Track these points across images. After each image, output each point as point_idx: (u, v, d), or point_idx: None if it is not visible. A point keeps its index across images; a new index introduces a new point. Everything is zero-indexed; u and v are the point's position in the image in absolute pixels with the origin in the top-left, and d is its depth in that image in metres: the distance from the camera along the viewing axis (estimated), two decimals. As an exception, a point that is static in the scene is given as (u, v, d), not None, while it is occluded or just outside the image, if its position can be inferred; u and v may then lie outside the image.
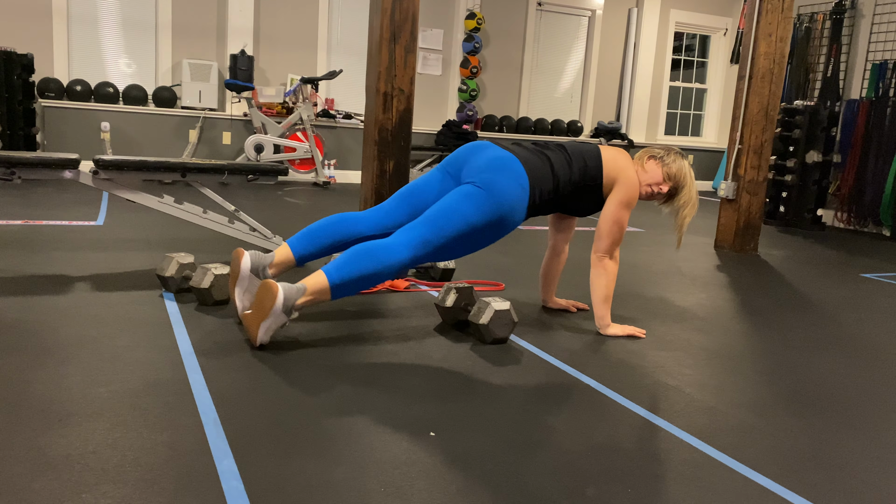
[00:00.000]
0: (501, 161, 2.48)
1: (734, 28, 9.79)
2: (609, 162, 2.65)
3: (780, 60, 4.68)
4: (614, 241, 2.66)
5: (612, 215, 2.64)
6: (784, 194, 6.60)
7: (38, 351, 2.10)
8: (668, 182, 2.75)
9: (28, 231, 3.88)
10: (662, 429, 1.87)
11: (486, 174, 2.44)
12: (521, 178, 2.48)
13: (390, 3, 3.70)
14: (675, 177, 2.75)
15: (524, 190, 2.47)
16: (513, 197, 2.44)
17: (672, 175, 2.75)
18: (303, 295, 2.22)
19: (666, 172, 2.74)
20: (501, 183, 2.43)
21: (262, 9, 7.49)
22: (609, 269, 2.68)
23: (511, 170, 2.47)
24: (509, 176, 2.45)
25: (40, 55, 6.79)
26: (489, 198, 2.40)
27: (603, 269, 2.67)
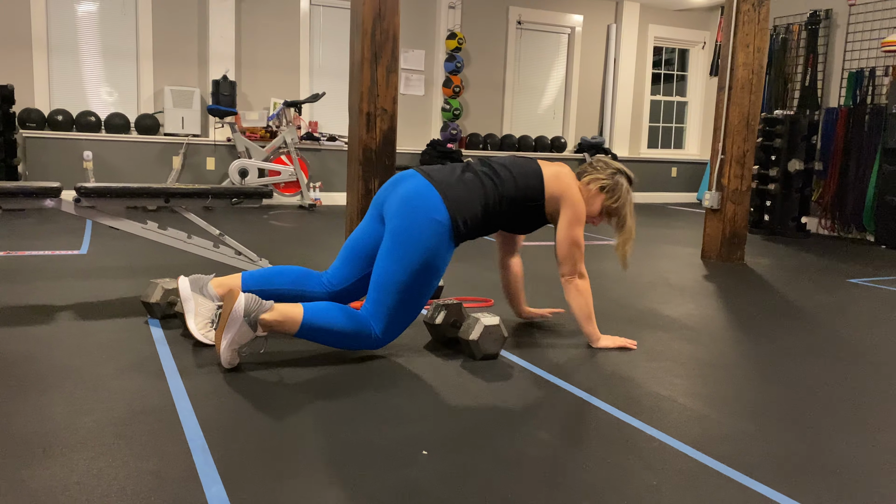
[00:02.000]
0: (415, 194, 2.40)
1: (712, 41, 9.91)
2: (551, 180, 2.59)
3: (759, 71, 4.73)
4: (576, 261, 2.63)
5: (567, 237, 2.60)
6: (768, 203, 6.64)
7: (20, 382, 2.06)
8: (609, 217, 2.75)
9: (10, 262, 3.84)
10: (657, 439, 1.85)
11: (398, 219, 2.38)
12: (436, 210, 2.38)
13: (371, 24, 3.72)
14: (616, 212, 2.73)
15: (441, 223, 2.38)
16: (428, 236, 2.35)
17: (614, 211, 2.73)
18: (269, 311, 2.21)
19: (607, 208, 2.72)
20: (413, 227, 2.35)
21: (242, 34, 7.51)
22: (581, 288, 2.65)
23: (423, 204, 2.38)
24: (422, 213, 2.37)
25: (21, 86, 6.76)
26: (405, 249, 2.34)
27: (575, 290, 2.64)
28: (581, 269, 2.65)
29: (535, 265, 4.41)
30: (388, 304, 2.36)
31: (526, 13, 8.91)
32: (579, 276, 2.65)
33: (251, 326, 2.20)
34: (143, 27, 7.15)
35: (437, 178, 2.47)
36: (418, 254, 2.35)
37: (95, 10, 7.04)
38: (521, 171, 2.60)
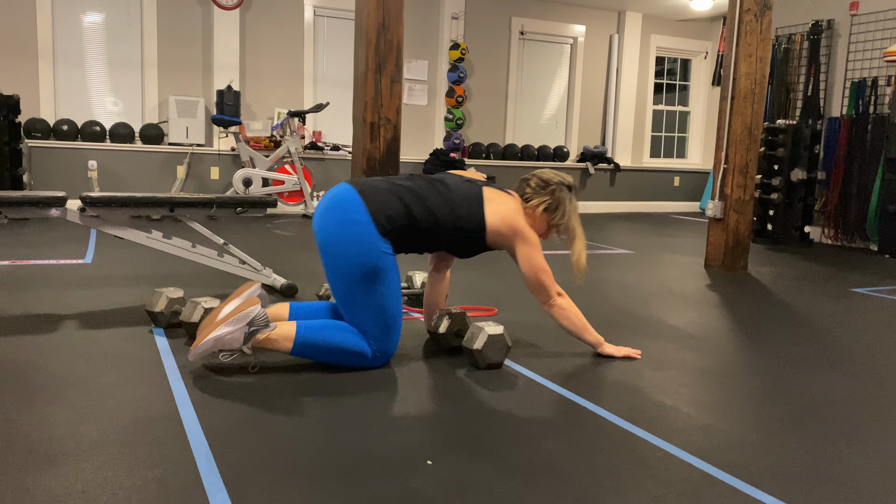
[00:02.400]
0: (336, 200, 2.38)
1: (714, 51, 9.94)
2: (493, 217, 2.49)
3: (761, 80, 4.74)
4: (548, 286, 2.57)
5: (530, 269, 2.54)
6: (771, 212, 6.64)
7: (25, 390, 2.07)
8: (557, 232, 2.69)
9: (15, 271, 3.85)
10: (661, 449, 1.85)
11: (321, 233, 2.37)
12: (354, 210, 2.34)
13: (375, 35, 3.74)
14: (565, 228, 2.66)
15: (361, 222, 2.33)
16: (350, 239, 2.31)
17: (562, 228, 2.66)
18: (267, 331, 2.27)
19: (553, 226, 2.66)
20: (335, 235, 2.34)
21: (247, 44, 7.55)
22: (565, 307, 2.61)
23: (341, 207, 2.36)
24: (341, 216, 2.35)
25: (26, 96, 6.80)
26: (337, 263, 2.33)
27: (560, 312, 2.60)
28: (555, 291, 2.60)
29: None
30: (357, 320, 2.36)
31: (529, 24, 8.95)
32: (558, 296, 2.60)
33: (245, 338, 2.23)
34: (148, 37, 7.19)
35: (360, 182, 2.45)
36: (349, 261, 2.32)
37: (101, 20, 7.09)
38: (461, 195, 2.48)
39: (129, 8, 7.17)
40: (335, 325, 2.36)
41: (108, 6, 7.10)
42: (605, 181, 9.42)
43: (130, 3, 7.16)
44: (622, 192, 9.55)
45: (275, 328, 2.29)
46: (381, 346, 2.38)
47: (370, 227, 2.34)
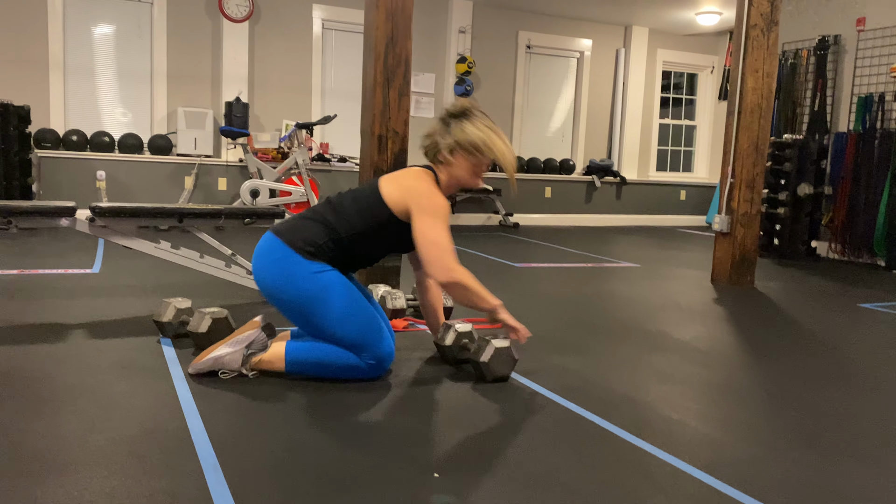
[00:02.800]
0: (257, 252, 2.39)
1: (720, 66, 9.97)
2: (390, 192, 2.38)
3: (768, 95, 4.75)
4: (443, 260, 2.30)
5: (422, 237, 2.31)
6: (777, 227, 6.63)
7: (33, 399, 2.08)
8: (484, 163, 2.45)
9: (23, 280, 3.87)
10: (669, 463, 1.85)
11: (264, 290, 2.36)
12: (272, 249, 2.33)
13: (384, 48, 3.77)
14: (481, 153, 2.43)
15: (281, 257, 2.30)
16: (277, 274, 2.30)
17: (480, 156, 2.43)
18: (265, 353, 2.34)
19: (473, 161, 2.43)
20: (266, 279, 2.33)
21: (256, 56, 7.60)
22: (459, 278, 2.31)
23: (261, 252, 2.36)
24: (263, 260, 2.35)
25: (37, 106, 6.86)
26: (282, 301, 2.32)
27: (453, 284, 2.31)
28: (452, 267, 2.30)
29: (543, 286, 4.41)
30: (335, 340, 2.33)
31: (535, 37, 9.00)
32: (455, 272, 2.31)
33: (243, 360, 2.34)
34: (157, 49, 7.25)
35: (278, 223, 2.45)
36: (290, 296, 2.30)
37: (111, 32, 7.16)
38: (364, 190, 2.43)
39: (139, 20, 7.23)
40: (323, 343, 2.37)
41: (118, 18, 7.16)
42: (612, 194, 9.43)
43: (141, 15, 7.23)
44: (628, 205, 9.55)
45: (268, 348, 2.36)
46: (372, 356, 2.36)
47: (293, 256, 2.31)
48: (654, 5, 8.31)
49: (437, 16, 8.45)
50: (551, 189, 9.05)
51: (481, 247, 6.34)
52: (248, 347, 2.34)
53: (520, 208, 8.89)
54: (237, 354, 2.33)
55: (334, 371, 2.35)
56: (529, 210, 8.97)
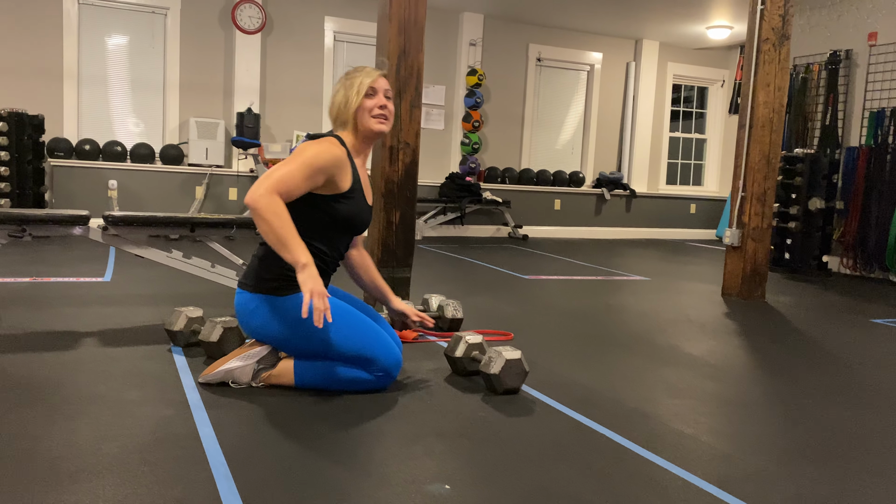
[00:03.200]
0: (236, 313, 2.39)
1: (731, 79, 9.97)
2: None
3: (780, 109, 4.75)
4: (259, 183, 2.15)
5: (272, 169, 2.19)
6: (788, 241, 6.61)
7: (46, 407, 2.09)
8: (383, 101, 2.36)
9: (36, 288, 3.89)
10: (681, 478, 1.83)
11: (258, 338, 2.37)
12: (245, 302, 2.32)
13: (395, 61, 3.79)
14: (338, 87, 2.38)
15: (254, 302, 2.30)
16: (261, 316, 2.29)
17: (336, 91, 2.38)
18: (274, 369, 2.36)
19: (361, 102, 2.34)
20: (252, 326, 2.34)
21: (268, 68, 7.65)
22: (258, 205, 2.11)
23: (239, 308, 2.36)
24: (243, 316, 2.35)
25: (51, 116, 6.92)
26: (273, 337, 2.31)
27: (252, 211, 2.12)
28: (259, 193, 2.11)
29: (553, 298, 4.41)
30: (338, 359, 2.32)
31: (546, 50, 9.03)
32: (254, 199, 2.11)
33: (252, 375, 2.35)
34: (170, 60, 7.31)
35: (240, 277, 2.44)
36: (282, 335, 2.30)
37: (125, 42, 7.23)
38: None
39: (152, 31, 7.30)
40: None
41: (132, 29, 7.23)
42: (621, 207, 9.42)
43: (154, 26, 7.30)
44: (638, 218, 9.54)
45: (276, 365, 2.37)
46: (379, 367, 2.34)
47: (265, 301, 2.28)
48: (665, 19, 8.33)
49: (448, 28, 8.50)
50: (560, 201, 9.05)
51: (490, 259, 6.34)
52: (259, 362, 2.36)
53: (529, 220, 8.89)
54: (248, 368, 2.35)
55: (343, 384, 2.35)
56: (538, 222, 8.97)
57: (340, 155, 2.31)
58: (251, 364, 2.35)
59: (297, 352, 2.35)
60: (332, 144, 2.31)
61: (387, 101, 2.39)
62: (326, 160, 2.25)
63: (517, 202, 8.76)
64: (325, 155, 2.25)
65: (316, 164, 2.23)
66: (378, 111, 2.36)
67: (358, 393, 2.36)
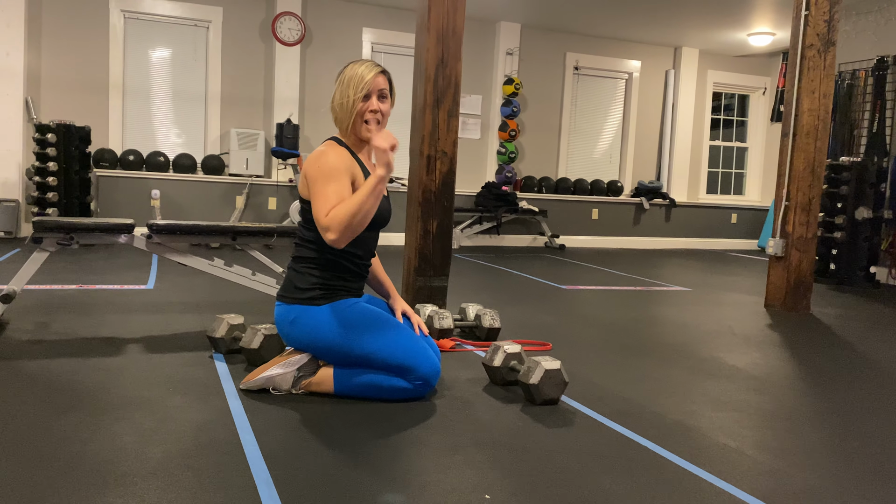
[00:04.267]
0: (276, 325, 2.43)
1: (773, 87, 9.80)
2: (301, 187, 2.36)
3: (825, 117, 4.65)
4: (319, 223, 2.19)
5: (314, 206, 2.22)
6: (834, 251, 6.45)
7: (93, 411, 2.13)
8: (344, 101, 2.34)
9: (82, 295, 3.98)
10: (726, 492, 1.79)
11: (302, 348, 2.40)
12: (285, 313, 2.36)
13: (434, 70, 3.80)
14: (336, 93, 2.36)
15: (298, 318, 2.33)
16: (305, 329, 2.33)
17: (335, 96, 2.36)
18: (314, 376, 2.38)
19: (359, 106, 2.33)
20: (296, 338, 2.37)
21: (307, 79, 7.75)
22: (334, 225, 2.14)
23: (278, 321, 2.40)
24: (284, 328, 2.38)
25: (97, 127, 7.10)
26: (315, 346, 2.34)
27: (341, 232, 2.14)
28: (326, 226, 2.16)
29: (592, 309, 4.36)
30: (380, 366, 2.33)
31: (583, 59, 8.99)
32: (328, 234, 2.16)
33: (293, 382, 2.37)
34: (212, 72, 7.45)
35: (279, 290, 2.45)
36: (322, 345, 2.32)
37: (168, 55, 7.39)
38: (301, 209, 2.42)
39: (195, 44, 7.45)
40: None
41: (175, 42, 7.39)
42: (661, 217, 9.31)
43: (197, 39, 7.45)
44: (677, 228, 9.41)
45: (316, 373, 2.39)
46: (418, 376, 2.34)
47: (303, 312, 2.33)
48: (705, 27, 8.23)
49: (485, 38, 8.51)
50: (598, 211, 8.98)
51: (527, 268, 6.30)
52: (299, 370, 2.38)
53: (566, 230, 8.83)
54: (288, 376, 2.37)
55: (382, 392, 2.35)
56: (576, 232, 8.90)
57: (345, 153, 2.34)
58: (291, 371, 2.37)
59: (337, 360, 2.36)
60: (331, 146, 2.34)
61: (380, 105, 2.36)
62: (339, 162, 2.27)
63: (554, 212, 8.71)
64: (335, 157, 2.28)
65: (339, 168, 2.25)
66: (369, 115, 2.35)
67: (396, 401, 2.36)
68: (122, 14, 7.13)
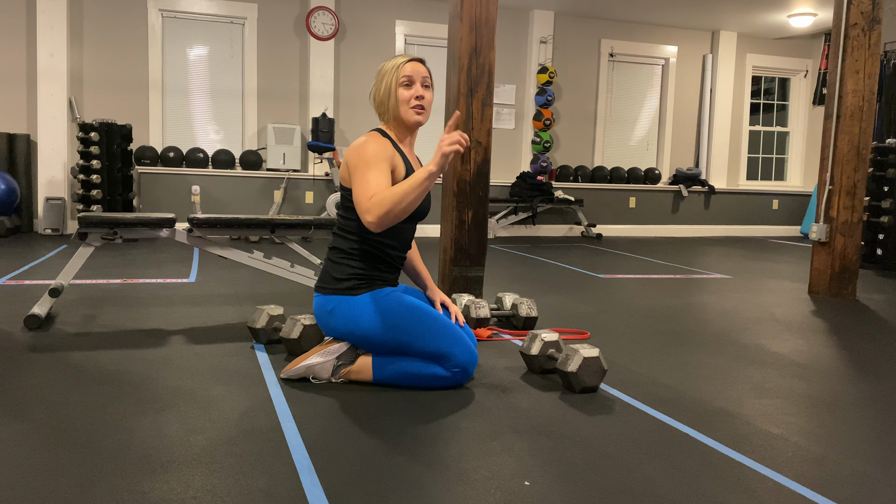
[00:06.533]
0: (315, 314, 2.45)
1: (814, 69, 9.56)
2: (343, 175, 2.38)
3: (870, 98, 4.52)
4: (359, 207, 2.22)
5: (355, 191, 2.26)
6: (881, 236, 6.28)
7: (139, 400, 2.18)
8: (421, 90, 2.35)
9: (126, 289, 4.08)
10: (771, 479, 1.76)
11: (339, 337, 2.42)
12: (324, 304, 2.37)
13: (467, 60, 3.79)
14: (377, 83, 2.38)
15: (336, 304, 2.35)
16: (345, 320, 2.34)
17: (376, 85, 2.39)
18: (353, 365, 2.41)
19: (400, 94, 2.35)
20: (335, 329, 2.39)
21: (341, 73, 7.79)
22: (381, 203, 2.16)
23: (318, 311, 2.41)
24: (324, 319, 2.40)
25: (137, 125, 7.24)
26: (358, 337, 2.36)
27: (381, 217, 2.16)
28: (367, 208, 2.18)
29: (630, 297, 4.32)
30: (418, 354, 2.34)
31: (618, 45, 8.87)
32: (367, 216, 2.19)
33: (333, 370, 2.40)
34: (248, 69, 7.54)
35: (316, 281, 2.47)
36: (360, 336, 2.34)
37: (205, 53, 7.49)
38: (340, 197, 2.44)
39: (231, 41, 7.55)
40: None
41: (212, 40, 7.50)
42: (700, 204, 9.17)
43: (233, 36, 7.54)
44: (717, 215, 9.26)
45: (355, 361, 2.41)
46: (456, 363, 2.35)
47: (341, 302, 2.35)
48: (743, 9, 8.05)
49: (519, 26, 8.46)
50: (635, 199, 8.88)
51: (563, 258, 6.27)
52: (339, 359, 2.41)
53: (603, 219, 8.75)
54: (328, 364, 2.40)
55: (420, 380, 2.37)
56: (612, 221, 8.82)
57: (387, 144, 2.35)
58: (331, 360, 2.39)
59: (376, 348, 2.38)
60: (374, 137, 2.35)
61: (424, 91, 2.37)
62: (381, 151, 2.29)
63: (590, 201, 8.63)
64: (375, 146, 2.29)
65: (380, 156, 2.27)
66: (415, 101, 2.36)
67: (434, 389, 2.37)
68: (160, 13, 7.25)
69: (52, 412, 2.06)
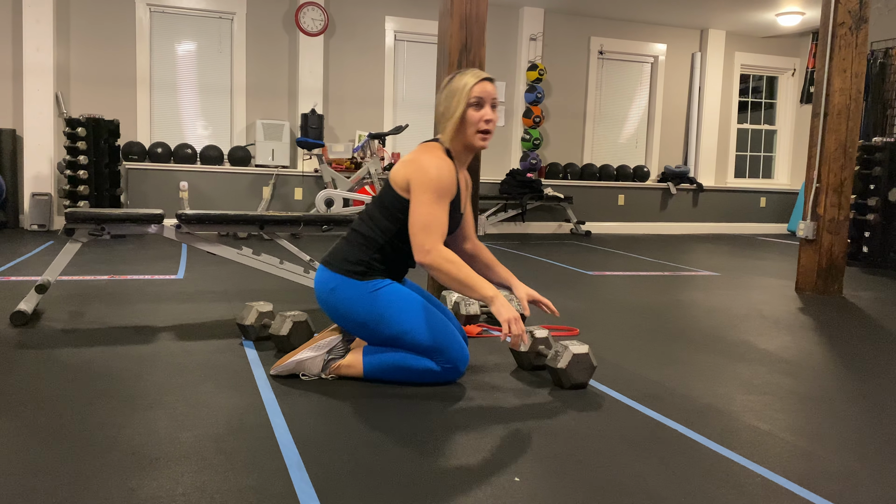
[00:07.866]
0: (315, 288, 2.44)
1: (802, 68, 9.62)
2: (396, 179, 2.33)
3: (857, 96, 4.55)
4: (417, 237, 2.25)
5: (414, 215, 2.26)
6: (867, 234, 6.33)
7: (127, 397, 2.17)
8: (488, 112, 2.33)
9: (114, 285, 4.05)
10: (759, 475, 1.78)
11: (333, 318, 2.41)
12: (327, 280, 2.36)
13: (457, 56, 3.79)
14: (445, 99, 2.33)
15: (340, 283, 2.34)
16: (345, 301, 2.33)
17: (443, 101, 2.33)
18: (343, 359, 2.40)
19: (469, 114, 2.31)
20: (335, 309, 2.37)
21: (330, 69, 7.77)
22: (431, 261, 2.23)
23: (320, 287, 2.40)
24: (325, 296, 2.38)
25: (125, 121, 7.19)
26: (352, 322, 2.36)
27: (428, 267, 2.24)
28: (427, 248, 2.23)
29: (619, 294, 4.34)
30: (408, 348, 2.35)
31: (608, 43, 8.90)
32: (425, 257, 2.24)
33: (323, 365, 2.40)
34: (237, 64, 7.50)
35: (325, 255, 2.46)
36: (356, 320, 2.34)
37: (194, 49, 7.45)
38: (382, 193, 2.40)
39: (220, 36, 7.51)
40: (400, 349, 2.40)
41: (200, 35, 7.45)
42: (688, 202, 9.21)
43: (222, 32, 7.50)
44: (705, 213, 9.31)
45: (346, 355, 2.41)
46: (447, 359, 2.35)
47: (346, 282, 2.35)
48: (732, 8, 8.09)
49: (508, 24, 8.46)
50: (624, 196, 8.91)
51: (553, 255, 6.28)
52: (329, 353, 2.40)
53: (592, 216, 8.78)
54: (318, 359, 2.39)
55: (411, 375, 2.37)
56: (602, 218, 8.85)
57: (452, 170, 2.33)
58: (321, 354, 2.39)
59: (370, 336, 2.37)
60: (443, 159, 2.31)
61: (493, 114, 2.35)
62: (448, 179, 2.28)
63: (579, 198, 8.66)
64: (446, 174, 2.28)
65: (446, 188, 2.27)
66: (483, 125, 2.34)
67: (424, 385, 2.37)
68: (148, 8, 7.20)
69: (39, 409, 2.04)
